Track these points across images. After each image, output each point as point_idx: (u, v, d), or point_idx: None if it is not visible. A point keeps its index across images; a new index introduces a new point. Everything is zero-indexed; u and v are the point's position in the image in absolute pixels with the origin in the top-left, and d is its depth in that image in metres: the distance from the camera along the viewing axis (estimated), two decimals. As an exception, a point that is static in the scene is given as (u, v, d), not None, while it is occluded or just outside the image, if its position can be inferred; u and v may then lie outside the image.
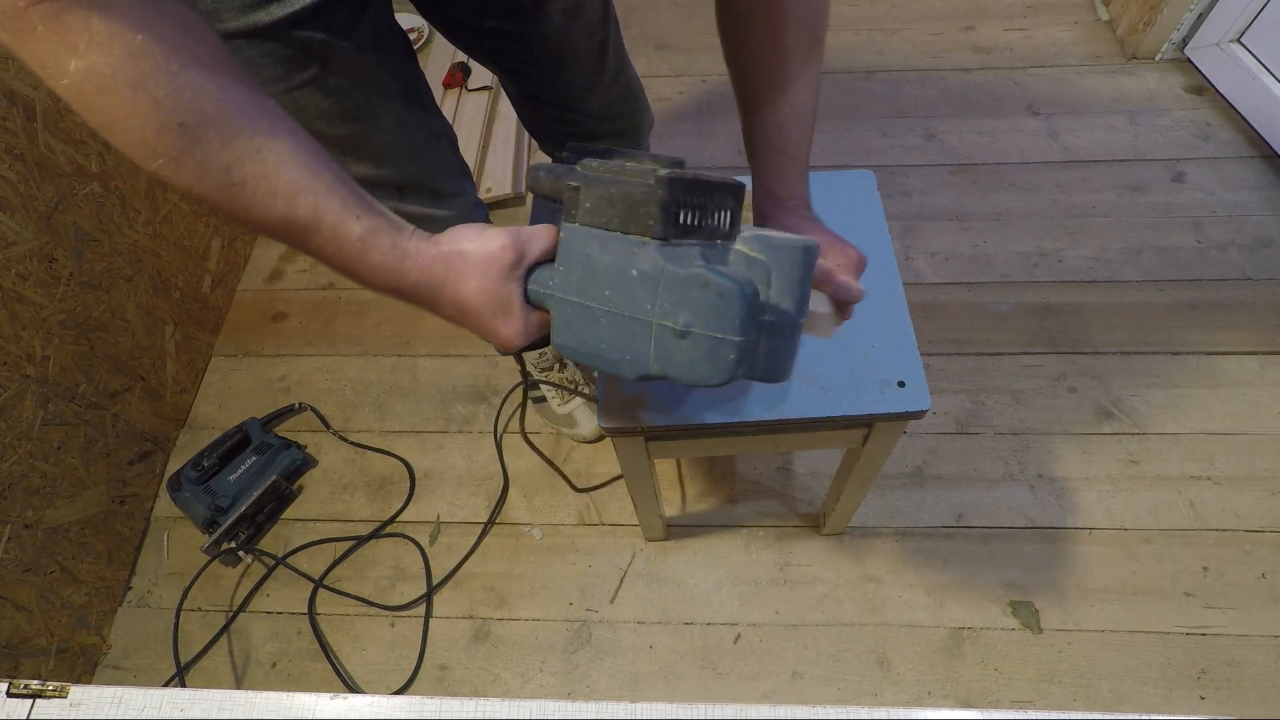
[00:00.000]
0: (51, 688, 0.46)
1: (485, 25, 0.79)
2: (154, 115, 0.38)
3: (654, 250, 0.44)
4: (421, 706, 0.46)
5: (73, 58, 0.35)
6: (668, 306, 0.44)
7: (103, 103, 0.37)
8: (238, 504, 1.17)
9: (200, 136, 0.39)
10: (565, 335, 0.49)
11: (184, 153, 0.39)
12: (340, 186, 0.44)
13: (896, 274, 0.77)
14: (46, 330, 1.03)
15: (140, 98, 0.37)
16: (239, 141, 0.40)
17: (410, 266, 0.47)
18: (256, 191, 0.41)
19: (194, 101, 0.39)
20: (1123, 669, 1.03)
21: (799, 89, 0.60)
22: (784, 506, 1.18)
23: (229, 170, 0.40)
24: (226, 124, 0.40)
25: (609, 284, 0.46)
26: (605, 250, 0.46)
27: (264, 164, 0.41)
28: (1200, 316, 1.31)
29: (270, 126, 0.42)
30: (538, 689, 1.06)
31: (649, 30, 1.84)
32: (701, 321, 0.43)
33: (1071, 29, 1.76)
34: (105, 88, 0.36)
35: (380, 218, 0.46)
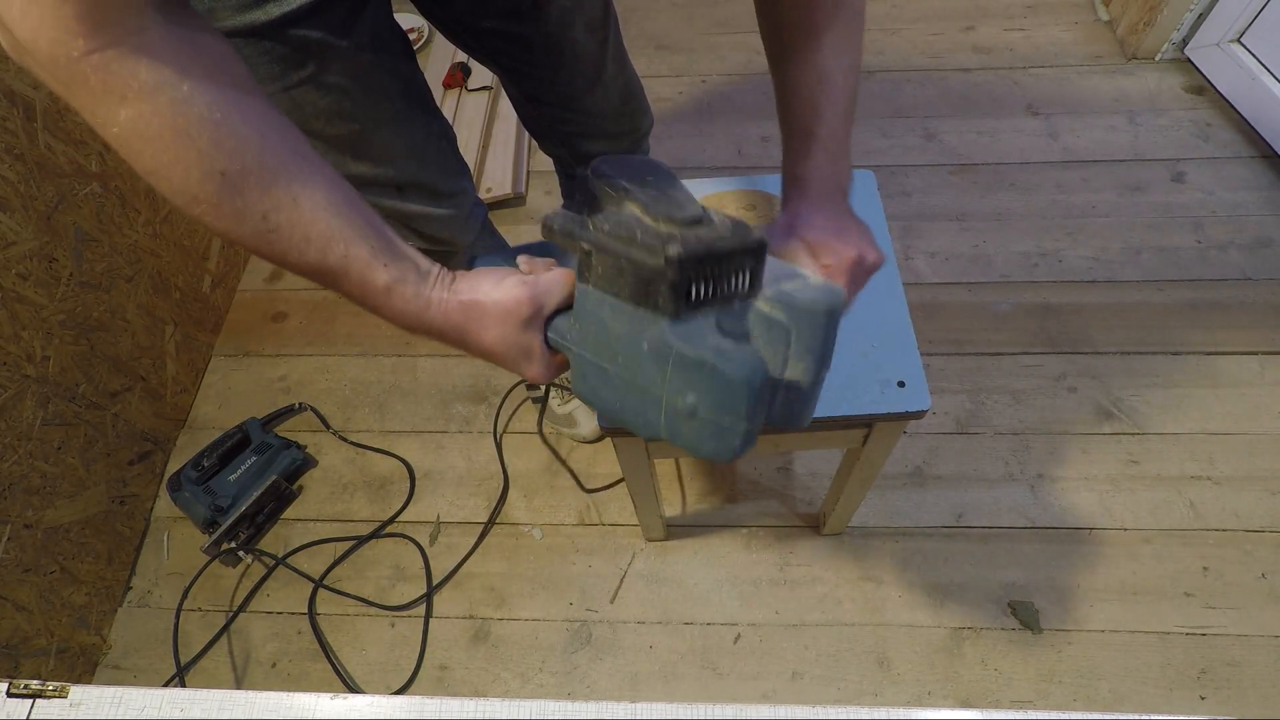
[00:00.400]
0: (51, 688, 0.46)
1: (485, 25, 0.79)
2: (197, 164, 0.39)
3: (665, 327, 0.42)
4: (421, 706, 0.46)
5: (122, 107, 0.37)
6: (676, 384, 0.43)
7: (150, 150, 0.38)
8: (238, 504, 1.17)
9: (240, 185, 0.40)
10: (583, 386, 0.49)
11: (224, 200, 0.40)
12: (370, 234, 0.45)
13: (896, 274, 0.77)
14: (46, 330, 1.03)
15: (185, 146, 0.38)
16: (276, 189, 0.42)
17: (434, 315, 0.48)
18: (291, 238, 0.43)
19: (235, 150, 0.40)
20: (1123, 669, 1.03)
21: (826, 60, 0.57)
22: (784, 506, 1.18)
23: (266, 217, 0.42)
24: (265, 172, 0.41)
25: (621, 352, 0.45)
26: (617, 318, 0.45)
27: (299, 211, 0.42)
28: (1200, 316, 1.31)
29: (306, 173, 0.43)
30: (538, 689, 1.06)
31: (649, 30, 1.84)
32: (708, 406, 0.42)
33: (1071, 29, 1.76)
34: (153, 136, 0.38)
35: (406, 265, 0.47)
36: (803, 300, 0.44)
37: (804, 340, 0.45)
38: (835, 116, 0.58)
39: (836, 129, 0.58)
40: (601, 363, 0.46)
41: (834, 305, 0.45)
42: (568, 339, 0.48)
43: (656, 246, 0.41)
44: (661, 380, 0.43)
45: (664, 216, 0.44)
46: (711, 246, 0.42)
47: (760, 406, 0.43)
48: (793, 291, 0.45)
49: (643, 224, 0.44)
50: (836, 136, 0.58)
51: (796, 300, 0.44)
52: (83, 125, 1.08)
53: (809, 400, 0.48)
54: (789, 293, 0.45)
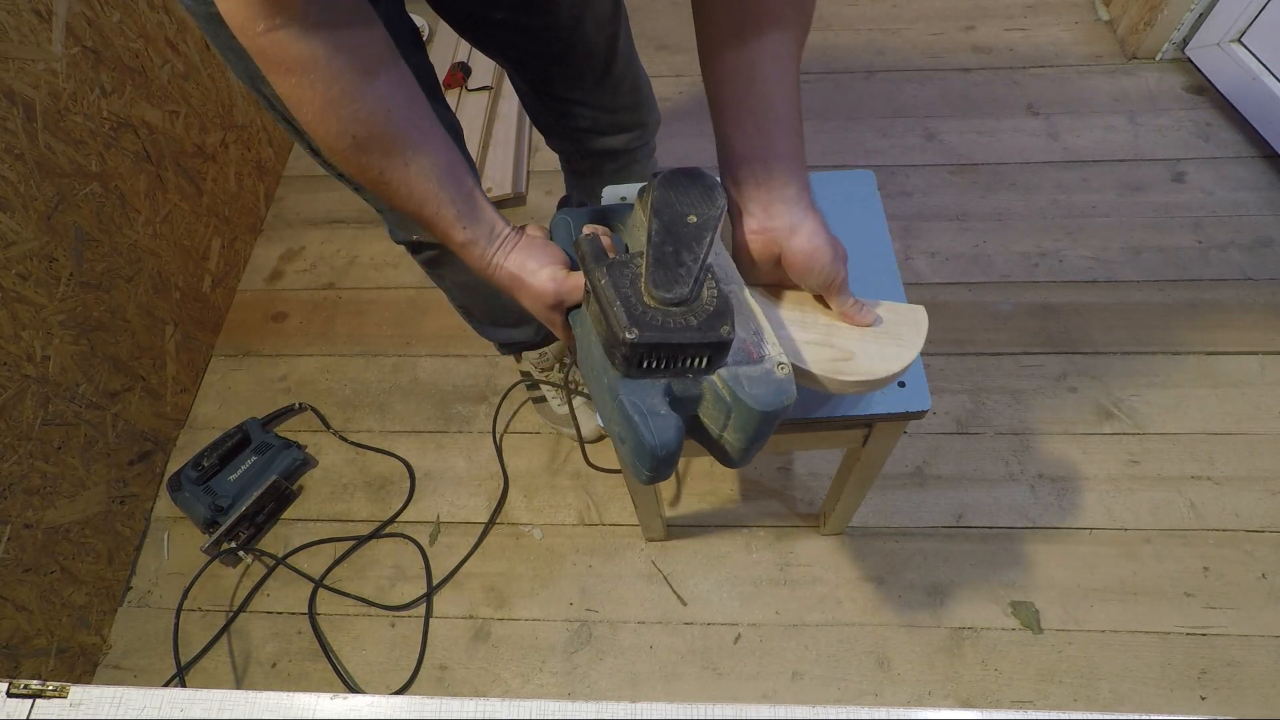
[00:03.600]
0: (51, 688, 0.46)
1: (495, 17, 0.79)
2: (335, 126, 0.51)
3: (616, 379, 0.50)
4: (421, 706, 0.46)
5: (288, 76, 0.48)
6: (614, 417, 0.51)
7: (303, 110, 0.50)
8: (238, 504, 1.17)
9: (366, 147, 0.52)
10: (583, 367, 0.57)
11: (352, 155, 0.53)
12: (460, 199, 0.56)
13: (897, 274, 0.77)
14: (46, 330, 1.03)
15: (328, 112, 0.50)
16: (393, 155, 0.53)
17: (493, 273, 0.59)
18: (399, 192, 0.55)
19: (365, 121, 0.51)
20: (1123, 669, 1.03)
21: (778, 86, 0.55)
22: (784, 506, 1.18)
23: (382, 173, 0.54)
24: (386, 140, 0.52)
25: (593, 368, 0.54)
26: (595, 347, 0.52)
27: (408, 173, 0.54)
28: (1200, 316, 1.31)
29: (419, 144, 0.53)
30: (538, 689, 1.06)
31: (649, 30, 1.84)
32: (629, 446, 0.51)
33: (1072, 29, 1.76)
34: (306, 101, 0.49)
35: (481, 230, 0.57)
36: (745, 395, 0.49)
37: (739, 423, 0.51)
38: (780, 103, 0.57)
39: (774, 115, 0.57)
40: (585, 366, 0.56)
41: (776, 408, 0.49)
42: (576, 332, 0.58)
43: (624, 324, 0.47)
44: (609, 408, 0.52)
45: (653, 287, 0.49)
46: (669, 338, 0.47)
47: (665, 465, 0.50)
48: (744, 382, 0.50)
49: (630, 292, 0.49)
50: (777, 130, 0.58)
51: (741, 393, 0.49)
52: (83, 125, 1.08)
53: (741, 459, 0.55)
54: (740, 381, 0.50)
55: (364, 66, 0.50)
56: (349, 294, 1.47)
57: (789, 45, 0.56)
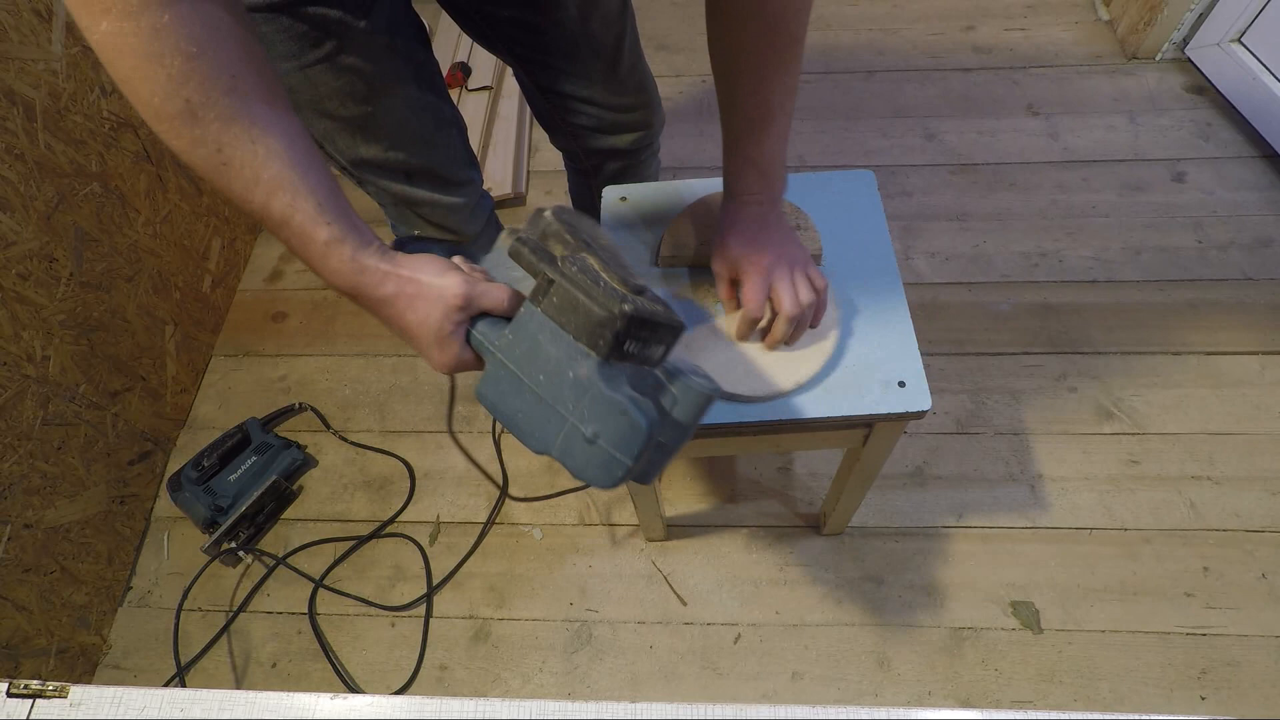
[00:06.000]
0: (51, 688, 0.46)
1: (502, 14, 0.79)
2: (164, 86, 0.41)
3: (594, 365, 0.50)
4: (421, 706, 0.46)
5: (105, 18, 0.39)
6: (586, 414, 0.50)
7: (123, 63, 0.41)
8: (238, 504, 1.17)
9: (201, 115, 0.43)
10: (490, 390, 0.53)
11: (184, 124, 0.43)
12: (321, 192, 0.47)
13: (896, 274, 0.77)
14: (46, 330, 1.03)
15: (155, 68, 0.41)
16: (236, 127, 0.44)
17: (365, 280, 0.50)
18: (242, 175, 0.45)
19: (202, 83, 0.42)
20: (1123, 669, 1.03)
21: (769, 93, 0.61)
22: (784, 506, 1.18)
23: (220, 150, 0.44)
24: (227, 109, 0.43)
25: (545, 371, 0.51)
26: (553, 344, 0.51)
27: (253, 153, 0.44)
28: (1200, 316, 1.31)
29: (269, 120, 0.45)
30: (538, 689, 1.06)
31: (649, 30, 1.84)
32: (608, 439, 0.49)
33: (1072, 29, 1.76)
34: (127, 51, 0.40)
35: (347, 227, 0.49)
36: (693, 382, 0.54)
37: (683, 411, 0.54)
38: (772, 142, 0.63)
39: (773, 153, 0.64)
40: (521, 375, 0.52)
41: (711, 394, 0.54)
42: (494, 344, 0.53)
43: (614, 300, 0.49)
44: (574, 406, 0.50)
45: (619, 277, 0.51)
46: (651, 316, 0.50)
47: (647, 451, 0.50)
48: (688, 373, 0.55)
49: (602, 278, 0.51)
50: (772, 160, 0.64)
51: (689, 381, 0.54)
52: (83, 125, 1.08)
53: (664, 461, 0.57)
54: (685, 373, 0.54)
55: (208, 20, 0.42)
56: (349, 294, 1.47)
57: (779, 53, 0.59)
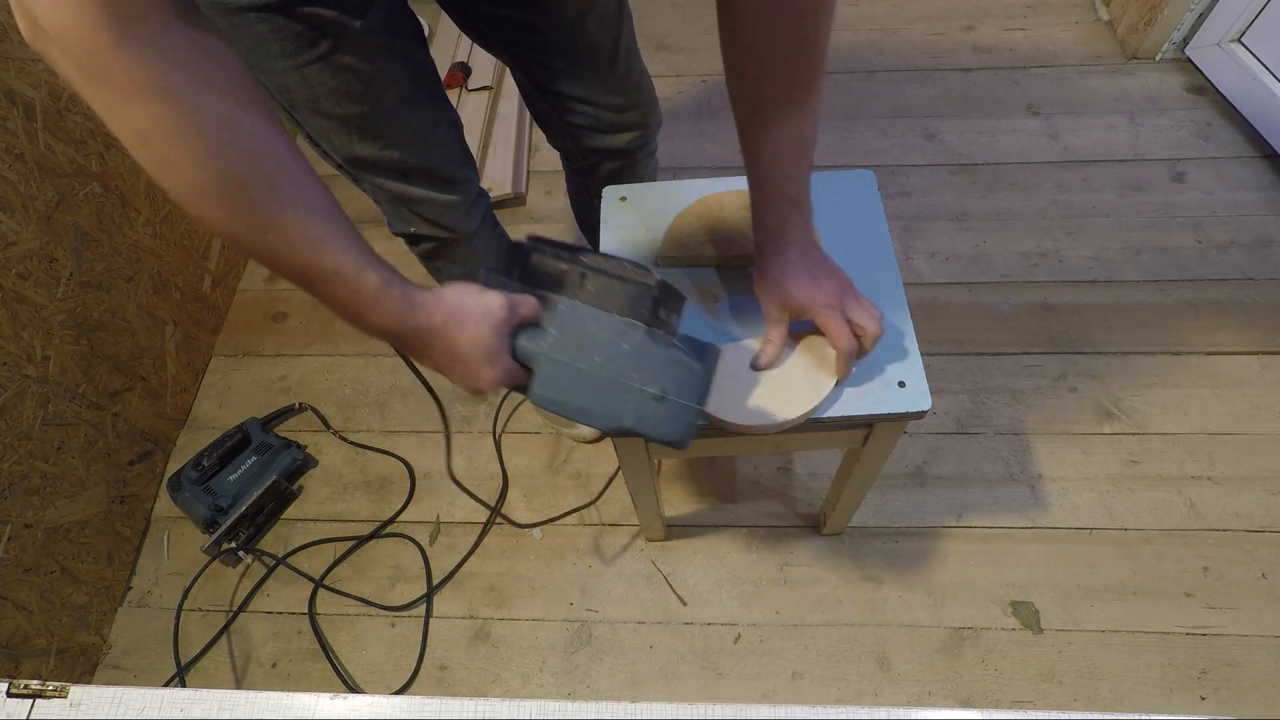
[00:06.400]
0: (51, 688, 0.46)
1: (500, 14, 0.80)
2: (209, 162, 0.41)
3: (641, 332, 0.56)
4: (421, 706, 0.46)
5: (144, 102, 0.38)
6: (650, 376, 0.56)
7: (166, 145, 0.40)
8: (238, 504, 1.17)
9: (249, 184, 0.43)
10: (549, 389, 0.58)
11: (230, 197, 0.43)
12: (358, 239, 0.49)
13: (897, 274, 0.77)
14: (46, 330, 1.03)
15: (200, 144, 0.40)
16: (280, 191, 0.44)
17: (417, 314, 0.52)
18: (290, 237, 0.45)
19: (246, 152, 0.42)
20: (1123, 669, 1.03)
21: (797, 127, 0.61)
22: (784, 506, 1.18)
23: (270, 216, 0.44)
24: (271, 175, 0.44)
25: (600, 353, 0.57)
26: (600, 326, 0.57)
27: (298, 213, 0.45)
28: (1200, 316, 1.31)
29: (306, 180, 0.46)
30: (538, 689, 1.06)
31: (649, 30, 1.84)
32: (674, 391, 0.56)
33: (1072, 29, 1.76)
34: (170, 132, 0.39)
35: (389, 269, 0.51)
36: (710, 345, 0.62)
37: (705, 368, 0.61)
38: (803, 177, 0.64)
39: (804, 187, 0.64)
40: (579, 364, 0.57)
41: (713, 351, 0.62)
42: (541, 346, 0.57)
43: (645, 274, 0.57)
44: (637, 374, 0.56)
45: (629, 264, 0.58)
46: (669, 285, 0.58)
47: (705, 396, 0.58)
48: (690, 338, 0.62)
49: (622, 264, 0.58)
50: (806, 192, 0.65)
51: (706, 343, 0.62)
52: (83, 125, 1.08)
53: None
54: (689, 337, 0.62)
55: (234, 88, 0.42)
56: (349, 294, 1.47)
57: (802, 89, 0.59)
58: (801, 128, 0.61)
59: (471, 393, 0.58)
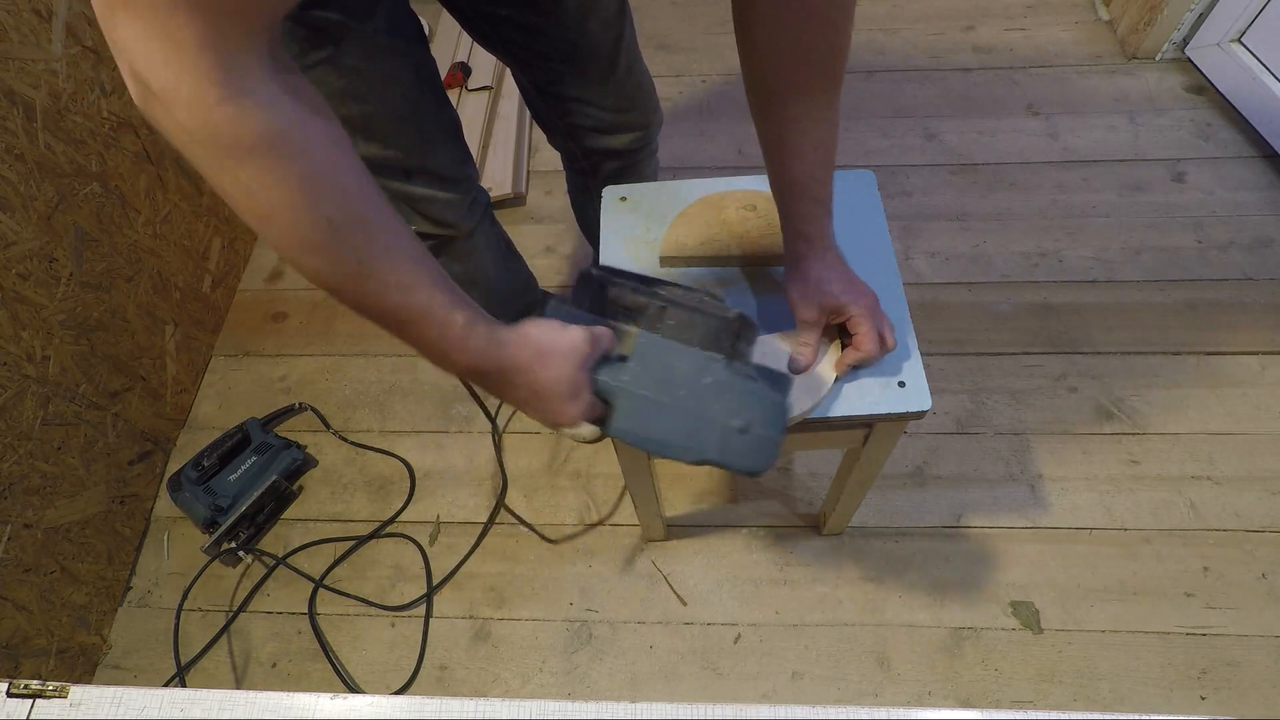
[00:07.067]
0: (51, 688, 0.46)
1: (501, 14, 0.80)
2: (309, 211, 0.41)
3: (723, 366, 0.57)
4: (421, 706, 0.46)
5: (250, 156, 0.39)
6: (733, 410, 0.57)
7: (270, 197, 0.40)
8: (238, 504, 1.17)
9: (345, 230, 0.43)
10: (629, 422, 0.58)
11: (329, 244, 0.43)
12: (444, 279, 0.49)
13: (897, 274, 0.77)
14: (46, 330, 1.03)
15: (301, 194, 0.41)
16: (373, 235, 0.45)
17: (504, 352, 0.52)
18: (384, 280, 0.46)
19: (341, 198, 0.43)
20: (1123, 669, 1.03)
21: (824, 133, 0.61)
22: (784, 506, 1.18)
23: (363, 261, 0.44)
24: (363, 219, 0.44)
25: (683, 385, 0.57)
26: (682, 360, 0.57)
27: (390, 256, 0.46)
28: (1200, 316, 1.31)
29: (393, 222, 0.46)
30: (538, 689, 1.06)
31: (649, 30, 1.84)
32: (758, 424, 0.57)
33: (1072, 29, 1.76)
34: (274, 184, 0.40)
35: (474, 308, 0.51)
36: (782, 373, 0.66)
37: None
38: (829, 179, 0.64)
39: (829, 190, 0.65)
40: (660, 397, 0.57)
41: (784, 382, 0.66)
42: (621, 380, 0.57)
43: (723, 308, 0.59)
44: (721, 407, 0.57)
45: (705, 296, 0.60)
46: (746, 316, 0.59)
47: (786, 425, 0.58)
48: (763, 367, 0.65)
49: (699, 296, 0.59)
50: (829, 197, 0.65)
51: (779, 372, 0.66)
52: (83, 125, 1.08)
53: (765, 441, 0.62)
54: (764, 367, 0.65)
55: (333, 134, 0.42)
56: (349, 294, 1.47)
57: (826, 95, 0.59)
58: (825, 129, 0.61)
59: (551, 426, 0.58)
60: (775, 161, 0.64)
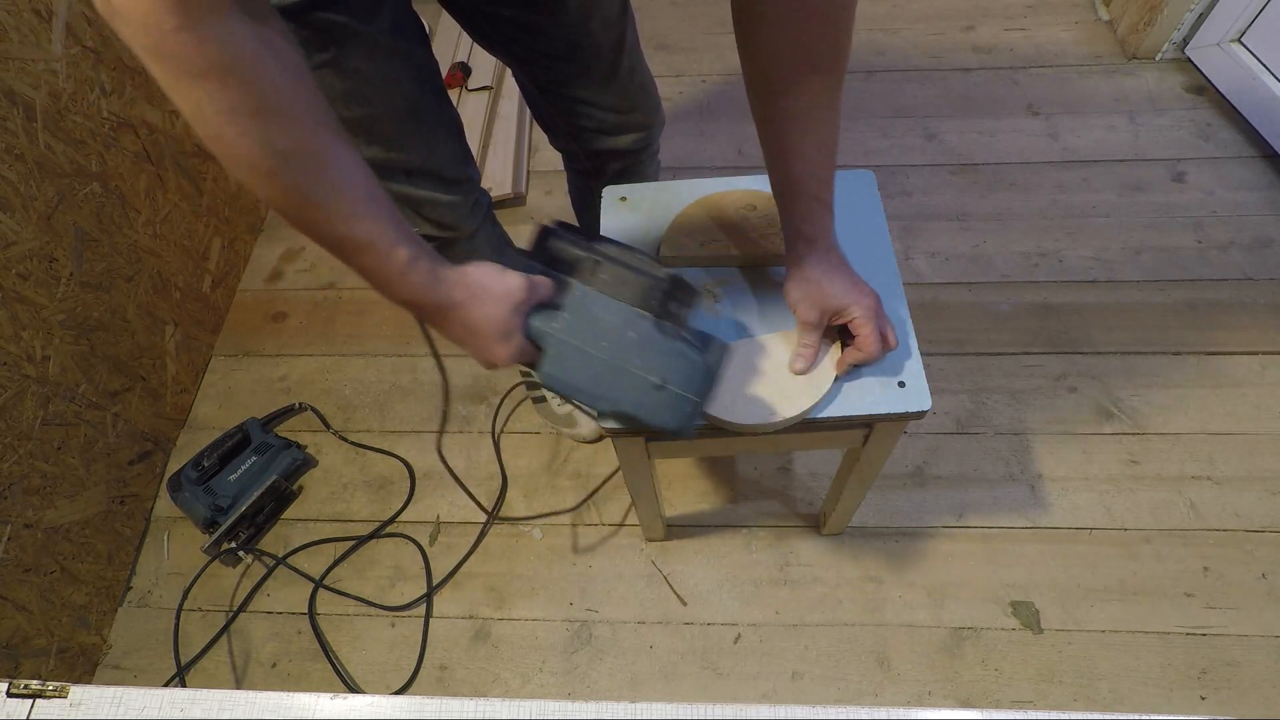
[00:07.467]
0: (51, 688, 0.46)
1: (502, 14, 0.80)
2: (259, 138, 0.44)
3: (649, 323, 0.59)
4: (421, 706, 0.46)
5: (201, 81, 0.41)
6: (652, 365, 0.59)
7: (218, 121, 0.43)
8: (238, 504, 1.17)
9: (292, 159, 0.46)
10: (555, 368, 0.60)
11: (277, 171, 0.46)
12: (393, 214, 0.52)
13: (897, 274, 0.77)
14: (47, 330, 1.03)
15: (249, 122, 0.43)
16: (323, 167, 0.47)
17: (441, 289, 0.55)
18: (329, 209, 0.49)
19: (291, 130, 0.45)
20: (1123, 669, 1.03)
21: (825, 132, 0.61)
22: (784, 506, 1.18)
23: (310, 190, 0.48)
24: (314, 151, 0.47)
25: (607, 338, 0.59)
26: (610, 313, 0.60)
27: (339, 191, 0.49)
28: (1200, 316, 1.31)
29: (346, 156, 0.49)
30: (538, 689, 1.06)
31: (649, 30, 1.84)
32: (675, 381, 0.59)
33: (1072, 29, 1.76)
34: (223, 109, 0.43)
35: (418, 244, 0.54)
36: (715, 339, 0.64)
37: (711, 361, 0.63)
38: (830, 178, 0.64)
39: (830, 190, 0.65)
40: (586, 347, 0.59)
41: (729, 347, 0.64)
42: (552, 328, 0.60)
43: (657, 268, 0.60)
44: (640, 361, 0.59)
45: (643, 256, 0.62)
46: (681, 279, 0.61)
47: (706, 389, 0.60)
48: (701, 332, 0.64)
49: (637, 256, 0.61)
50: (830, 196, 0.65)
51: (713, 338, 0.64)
52: (83, 125, 1.08)
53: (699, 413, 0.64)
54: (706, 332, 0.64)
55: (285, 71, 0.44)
56: (349, 294, 1.47)
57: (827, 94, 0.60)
58: (827, 129, 0.61)
59: (485, 365, 0.61)
60: (776, 161, 0.64)
